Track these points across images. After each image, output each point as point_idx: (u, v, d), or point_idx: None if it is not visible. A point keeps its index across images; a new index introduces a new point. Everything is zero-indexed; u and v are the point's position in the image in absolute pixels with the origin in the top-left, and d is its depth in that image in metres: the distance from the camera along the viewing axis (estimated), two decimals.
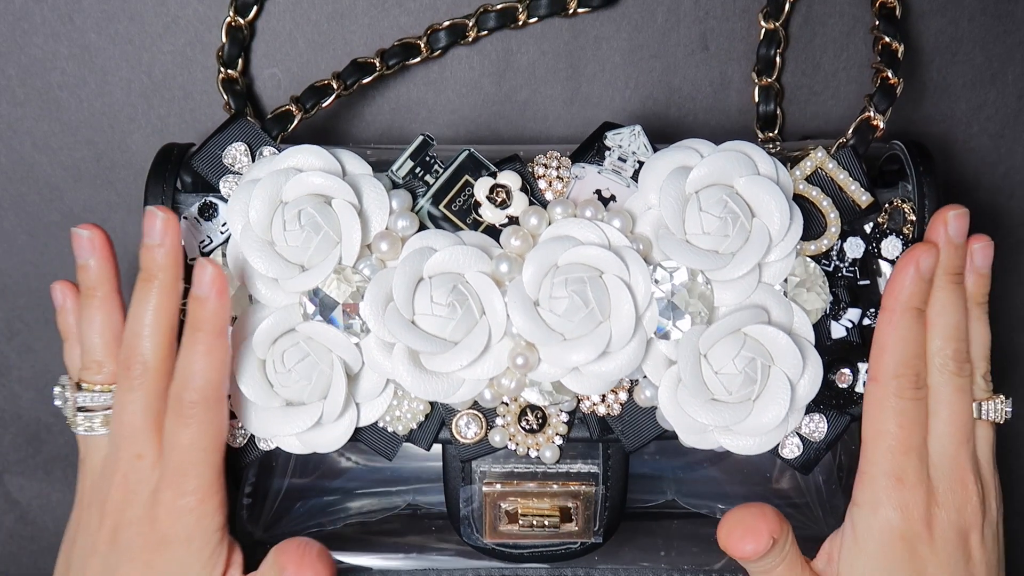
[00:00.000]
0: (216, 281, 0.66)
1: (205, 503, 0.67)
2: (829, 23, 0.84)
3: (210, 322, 0.66)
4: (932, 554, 0.68)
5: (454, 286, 0.66)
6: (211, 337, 0.66)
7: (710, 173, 0.68)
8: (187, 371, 0.67)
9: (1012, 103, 0.85)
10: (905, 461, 0.68)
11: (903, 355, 0.69)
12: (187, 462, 0.67)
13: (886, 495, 0.68)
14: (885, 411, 0.68)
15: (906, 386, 0.68)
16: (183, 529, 0.67)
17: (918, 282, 0.69)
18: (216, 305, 0.66)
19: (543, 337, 0.66)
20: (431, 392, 0.67)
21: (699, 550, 0.79)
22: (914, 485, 0.68)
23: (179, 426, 0.67)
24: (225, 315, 0.66)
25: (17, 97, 0.84)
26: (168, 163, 0.72)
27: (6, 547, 0.93)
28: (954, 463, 0.69)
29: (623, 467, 0.72)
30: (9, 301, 0.88)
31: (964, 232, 0.70)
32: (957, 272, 0.70)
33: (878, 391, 0.69)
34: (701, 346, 0.67)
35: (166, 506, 0.67)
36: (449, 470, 0.72)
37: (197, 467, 0.67)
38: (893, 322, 0.69)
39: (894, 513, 0.68)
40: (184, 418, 0.66)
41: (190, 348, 0.67)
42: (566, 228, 0.67)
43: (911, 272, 0.68)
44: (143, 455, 0.68)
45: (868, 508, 0.69)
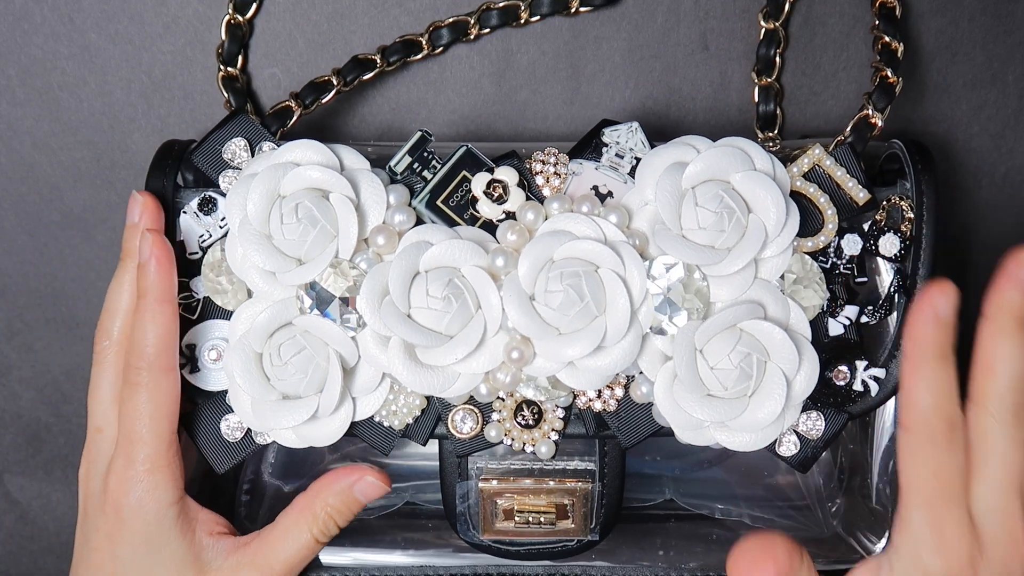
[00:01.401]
0: (155, 247, 0.67)
1: (154, 474, 0.68)
2: (829, 23, 0.84)
3: (154, 288, 0.67)
4: None
5: (450, 280, 0.66)
6: (155, 303, 0.67)
7: (706, 169, 0.68)
8: (135, 337, 0.68)
9: (1013, 103, 0.85)
10: (945, 511, 0.65)
11: (934, 404, 0.65)
12: (136, 431, 0.68)
13: (926, 546, 0.65)
14: (919, 461, 0.65)
15: (939, 435, 0.64)
16: (134, 499, 0.68)
17: (939, 328, 0.64)
18: (157, 271, 0.67)
19: (538, 331, 0.66)
20: (427, 386, 0.67)
21: (698, 550, 0.79)
22: (957, 537, 0.64)
23: (129, 393, 0.68)
24: (168, 282, 0.68)
25: (17, 97, 0.85)
26: (169, 159, 0.73)
27: (6, 547, 0.93)
28: (1003, 515, 0.65)
29: (620, 464, 0.72)
30: (9, 301, 0.89)
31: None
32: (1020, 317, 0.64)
33: (910, 441, 0.65)
34: (697, 341, 0.67)
35: (117, 475, 0.68)
36: (445, 466, 0.72)
37: (145, 437, 0.68)
38: (919, 370, 0.65)
39: (935, 560, 0.65)
40: (132, 384, 0.68)
41: (137, 315, 0.68)
42: (562, 223, 0.67)
43: (930, 318, 0.64)
44: (102, 428, 0.70)
45: (908, 557, 0.65)
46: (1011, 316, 0.64)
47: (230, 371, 0.68)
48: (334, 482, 0.69)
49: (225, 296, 0.70)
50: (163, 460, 0.68)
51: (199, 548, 0.70)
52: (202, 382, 0.70)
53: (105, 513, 0.69)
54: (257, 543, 0.70)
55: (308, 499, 0.70)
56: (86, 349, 0.89)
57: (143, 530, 0.68)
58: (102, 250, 0.87)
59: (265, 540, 0.70)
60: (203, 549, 0.70)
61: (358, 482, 0.69)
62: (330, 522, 0.70)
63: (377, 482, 0.69)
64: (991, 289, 0.64)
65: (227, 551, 0.70)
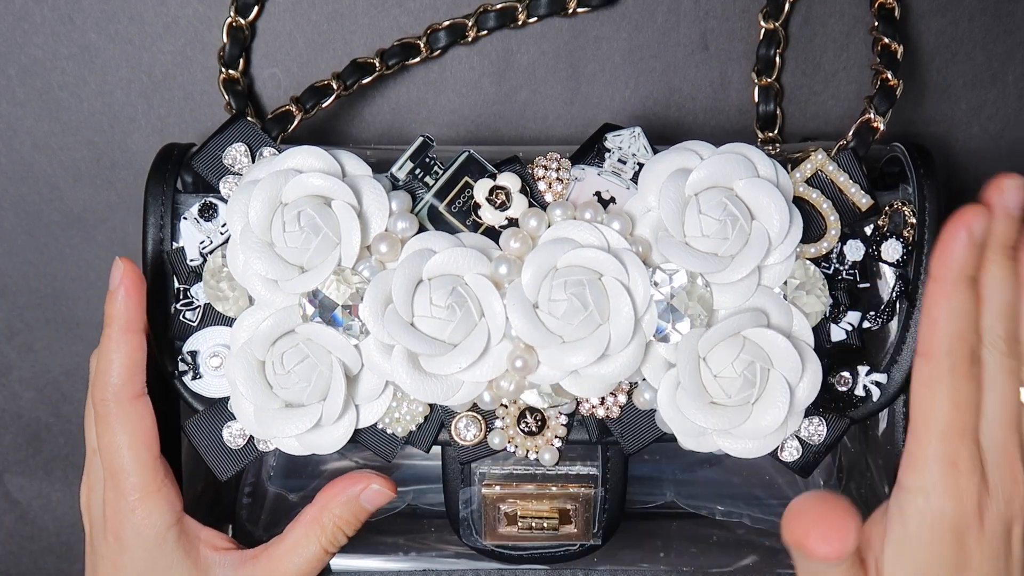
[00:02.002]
0: (126, 276, 0.67)
1: (146, 501, 0.68)
2: (829, 23, 0.84)
3: (120, 317, 0.67)
4: (978, 547, 0.64)
5: (453, 288, 0.66)
6: (119, 333, 0.67)
7: (710, 175, 0.68)
8: (98, 368, 0.68)
9: (1013, 103, 0.85)
10: (960, 445, 0.64)
11: (957, 329, 0.64)
12: (118, 463, 0.68)
13: (940, 482, 0.64)
14: (938, 391, 0.64)
15: (960, 363, 0.64)
16: (131, 528, 0.68)
17: (970, 248, 0.64)
18: (124, 300, 0.67)
19: (542, 339, 0.66)
20: (430, 394, 0.67)
21: (698, 551, 0.80)
22: (969, 472, 0.64)
23: (102, 428, 0.68)
24: (136, 312, 0.67)
25: (17, 97, 0.84)
26: (168, 163, 0.72)
27: (6, 547, 0.93)
28: (1004, 451, 0.65)
29: (622, 469, 0.72)
30: (9, 301, 0.88)
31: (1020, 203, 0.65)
32: (1012, 246, 0.65)
33: (930, 369, 0.65)
34: (700, 349, 0.67)
35: (111, 506, 0.68)
36: (448, 472, 0.72)
37: (127, 467, 0.68)
38: (946, 293, 0.64)
39: (948, 502, 0.64)
40: (102, 417, 0.68)
41: (103, 344, 0.68)
42: (565, 230, 0.67)
43: (963, 237, 0.64)
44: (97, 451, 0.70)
45: (919, 495, 0.64)
46: (998, 243, 0.65)
47: (232, 379, 0.67)
48: (340, 492, 0.69)
49: (226, 303, 0.69)
50: (152, 486, 0.68)
51: (206, 564, 0.69)
52: (204, 389, 0.70)
53: (107, 541, 0.69)
54: (266, 557, 0.69)
55: (315, 511, 0.69)
56: (86, 349, 0.89)
57: (145, 556, 0.68)
58: (102, 250, 0.87)
59: (274, 553, 0.69)
60: (210, 566, 0.69)
61: (364, 491, 0.69)
62: (338, 533, 0.69)
63: (383, 489, 0.69)
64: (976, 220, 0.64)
65: (235, 565, 0.69)
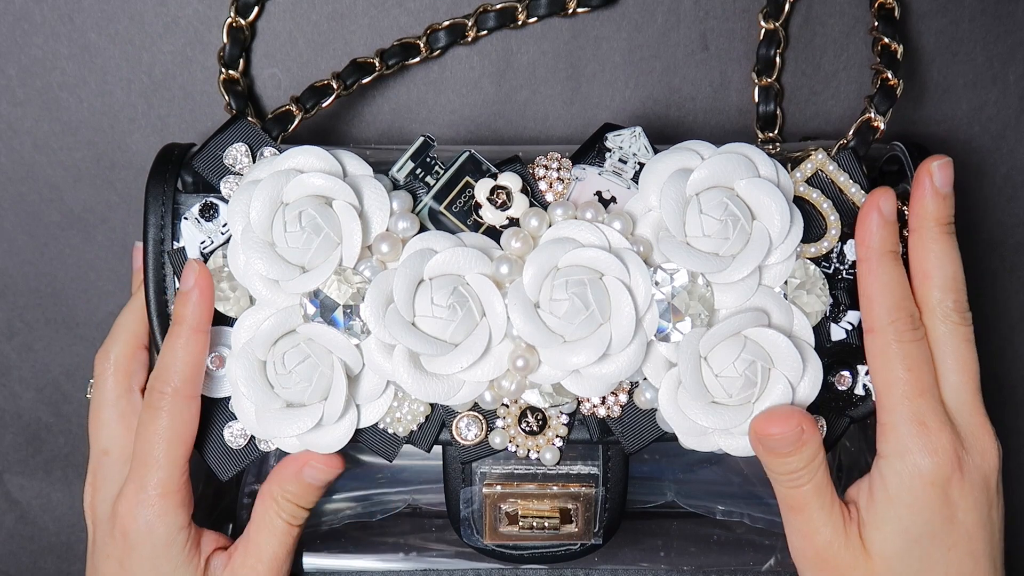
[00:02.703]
0: (201, 278, 0.68)
1: (166, 499, 0.68)
2: (829, 23, 0.84)
3: (191, 317, 0.68)
4: (962, 497, 0.67)
5: (455, 288, 0.66)
6: (190, 332, 0.68)
7: (711, 175, 0.68)
8: (164, 363, 0.68)
9: (1013, 104, 0.85)
10: (923, 403, 0.67)
11: (892, 299, 0.68)
12: (152, 455, 0.68)
13: (912, 441, 0.67)
14: (890, 358, 0.68)
15: (904, 328, 0.68)
16: (144, 524, 0.68)
17: (884, 225, 0.68)
18: (198, 301, 0.68)
19: (543, 339, 0.66)
20: (431, 394, 0.67)
21: (698, 550, 0.80)
22: (939, 428, 0.67)
23: (149, 416, 0.68)
24: (206, 313, 0.68)
25: (17, 97, 0.84)
26: (169, 163, 0.72)
27: (6, 547, 0.93)
28: (971, 409, 0.68)
29: (623, 469, 0.72)
30: (9, 301, 0.88)
31: (950, 181, 0.69)
32: (948, 222, 0.69)
33: (878, 340, 0.68)
34: (701, 349, 0.67)
35: (127, 499, 0.69)
36: (449, 471, 0.72)
37: (160, 461, 0.68)
38: (873, 271, 0.68)
39: (924, 459, 0.67)
40: (155, 409, 0.68)
41: (170, 341, 0.68)
42: (566, 230, 0.67)
43: (875, 217, 0.68)
44: (109, 451, 0.71)
45: (896, 457, 0.67)
46: (933, 221, 0.69)
47: (234, 379, 0.68)
48: (283, 470, 0.70)
49: (227, 303, 0.69)
50: (175, 485, 0.68)
51: (208, 572, 0.71)
52: (205, 389, 0.70)
53: (114, 539, 0.69)
54: (242, 547, 0.71)
55: (267, 488, 0.71)
56: (86, 349, 0.89)
57: (152, 555, 0.69)
58: (102, 250, 0.87)
59: (247, 541, 0.71)
60: (210, 571, 0.71)
61: (305, 467, 0.70)
62: (291, 506, 0.70)
63: (321, 466, 0.70)
64: (911, 202, 0.70)
65: (223, 565, 0.71)
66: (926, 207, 0.69)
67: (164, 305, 0.71)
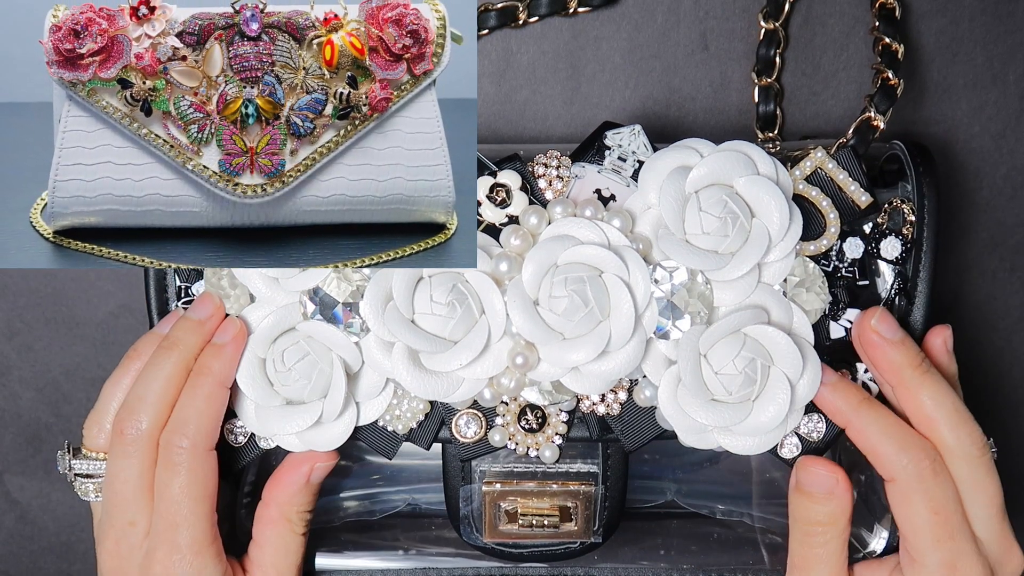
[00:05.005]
0: (240, 336, 0.67)
1: (201, 556, 0.67)
2: (829, 23, 0.84)
3: (220, 371, 0.67)
4: None
5: (454, 285, 0.66)
6: (215, 386, 0.67)
7: (710, 173, 0.68)
8: (183, 415, 0.67)
9: (1013, 103, 0.85)
10: (953, 546, 0.66)
11: (897, 444, 0.67)
12: (178, 515, 0.66)
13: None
14: (915, 503, 0.66)
15: (923, 469, 0.66)
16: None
17: (848, 385, 0.69)
18: (231, 356, 0.67)
19: (543, 336, 0.66)
20: (431, 391, 0.67)
21: (698, 549, 0.79)
22: (969, 568, 0.66)
23: (169, 475, 0.66)
24: (234, 368, 0.67)
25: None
26: None
27: (6, 547, 0.93)
28: (1000, 535, 0.68)
29: (623, 467, 0.72)
30: (9, 301, 0.88)
31: (895, 326, 0.68)
32: (921, 362, 0.68)
33: (899, 489, 0.67)
34: (701, 346, 0.67)
35: (162, 563, 0.67)
36: (449, 469, 0.72)
37: (188, 519, 0.67)
38: (858, 426, 0.68)
39: None
40: (173, 466, 0.66)
41: (192, 392, 0.67)
42: (566, 227, 0.67)
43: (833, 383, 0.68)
44: (135, 522, 0.68)
45: None
46: (908, 368, 0.68)
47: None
48: (292, 483, 0.69)
49: (227, 300, 0.69)
50: (207, 539, 0.67)
51: None
52: None
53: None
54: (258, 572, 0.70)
55: (277, 511, 0.69)
56: (86, 349, 0.89)
57: None
58: None
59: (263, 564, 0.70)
60: None
61: (312, 473, 0.69)
62: (305, 516, 0.70)
63: (327, 464, 0.69)
64: (875, 364, 0.69)
65: None
66: (892, 360, 0.68)
67: (164, 304, 0.71)
